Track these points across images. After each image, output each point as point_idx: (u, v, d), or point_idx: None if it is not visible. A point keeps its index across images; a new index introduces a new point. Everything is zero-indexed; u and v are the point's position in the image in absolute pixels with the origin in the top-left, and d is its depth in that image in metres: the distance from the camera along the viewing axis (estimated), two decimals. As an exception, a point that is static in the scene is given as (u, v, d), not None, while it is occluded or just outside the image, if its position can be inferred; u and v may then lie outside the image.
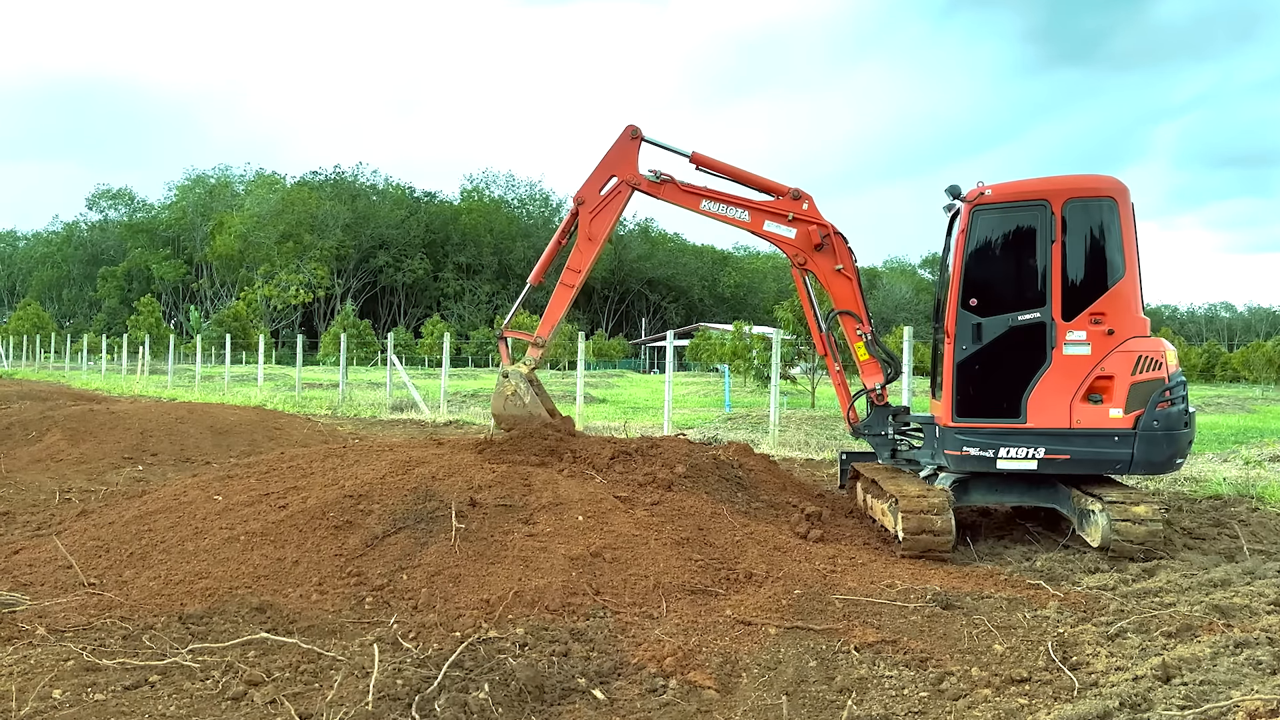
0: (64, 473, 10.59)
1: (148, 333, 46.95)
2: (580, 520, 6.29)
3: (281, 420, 14.77)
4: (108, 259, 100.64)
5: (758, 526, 6.80)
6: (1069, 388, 6.96)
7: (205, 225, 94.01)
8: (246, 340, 52.24)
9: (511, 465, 7.21)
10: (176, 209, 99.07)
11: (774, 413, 14.56)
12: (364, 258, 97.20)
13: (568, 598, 5.29)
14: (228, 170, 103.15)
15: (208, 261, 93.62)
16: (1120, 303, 6.98)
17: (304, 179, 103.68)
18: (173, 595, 5.23)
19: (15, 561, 6.18)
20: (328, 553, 5.73)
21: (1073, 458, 6.94)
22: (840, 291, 8.24)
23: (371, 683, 3.97)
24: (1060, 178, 7.27)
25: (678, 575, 5.71)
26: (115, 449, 11.80)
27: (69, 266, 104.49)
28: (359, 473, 7.07)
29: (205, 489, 7.06)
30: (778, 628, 5.00)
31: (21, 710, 3.75)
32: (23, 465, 11.02)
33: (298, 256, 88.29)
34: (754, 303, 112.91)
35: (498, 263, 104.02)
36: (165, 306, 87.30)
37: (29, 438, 12.37)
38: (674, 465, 7.52)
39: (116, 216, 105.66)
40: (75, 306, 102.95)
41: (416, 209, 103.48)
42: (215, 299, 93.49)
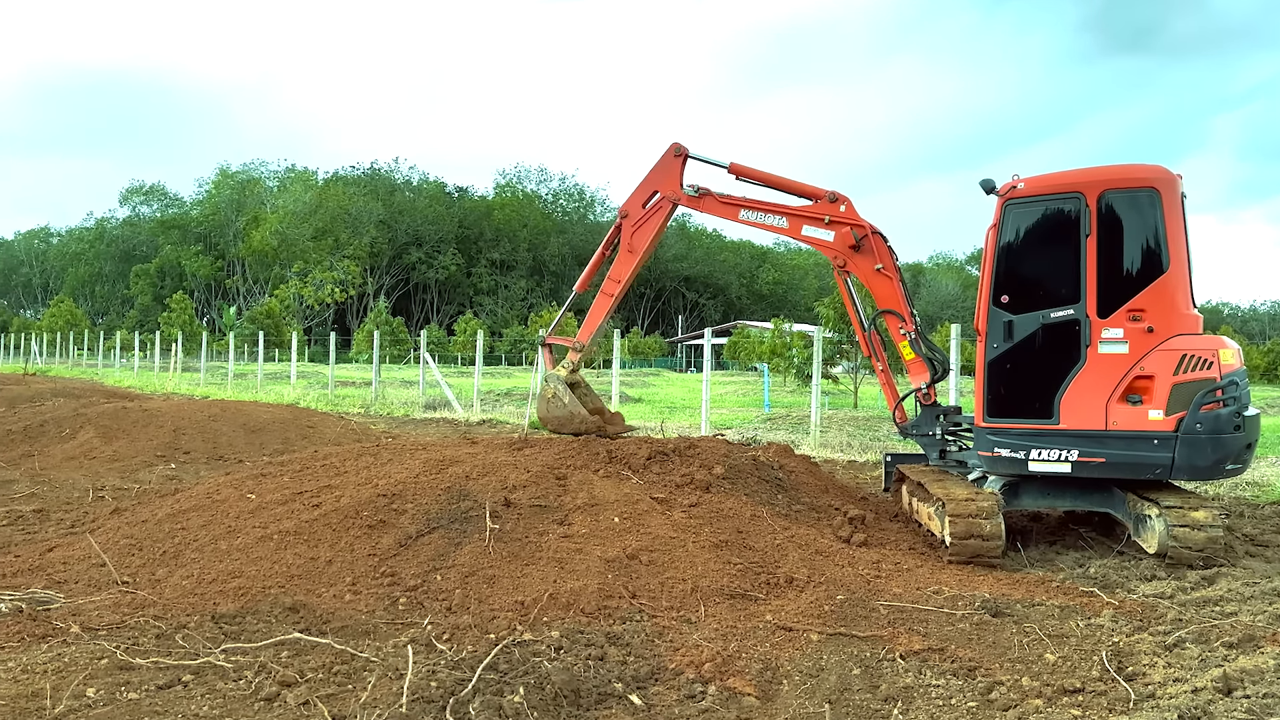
0: (97, 470, 10.81)
1: (180, 330, 47.67)
2: (616, 521, 6.30)
3: (314, 418, 14.95)
4: (140, 255, 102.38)
5: (799, 530, 6.76)
6: (1105, 388, 6.81)
7: (238, 221, 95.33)
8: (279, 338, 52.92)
9: (546, 465, 7.23)
10: (209, 205, 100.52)
11: (815, 413, 14.48)
12: (397, 254, 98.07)
13: (603, 600, 5.29)
14: (263, 165, 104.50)
15: (240, 258, 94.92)
16: (1163, 299, 6.79)
17: (337, 174, 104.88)
18: (206, 594, 5.31)
19: (49, 559, 6.31)
20: (361, 552, 5.78)
21: (1108, 461, 6.78)
22: (882, 291, 8.24)
23: (405, 685, 4.00)
24: (1097, 168, 7.14)
25: (716, 579, 5.70)
26: (148, 447, 12.01)
27: (101, 263, 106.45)
28: (392, 472, 7.13)
29: (238, 487, 7.16)
30: (820, 634, 4.97)
31: (56, 708, 3.82)
32: (56, 463, 11.25)
33: (331, 254, 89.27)
34: (794, 300, 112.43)
35: (532, 259, 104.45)
36: (198, 303, 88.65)
37: (62, 435, 12.62)
38: (712, 466, 7.50)
39: (149, 212, 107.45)
40: (108, 303, 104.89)
41: (451, 205, 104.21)
42: (248, 296, 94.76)
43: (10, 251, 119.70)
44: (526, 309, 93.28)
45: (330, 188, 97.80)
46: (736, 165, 8.79)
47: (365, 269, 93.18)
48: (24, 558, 6.42)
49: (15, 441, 12.39)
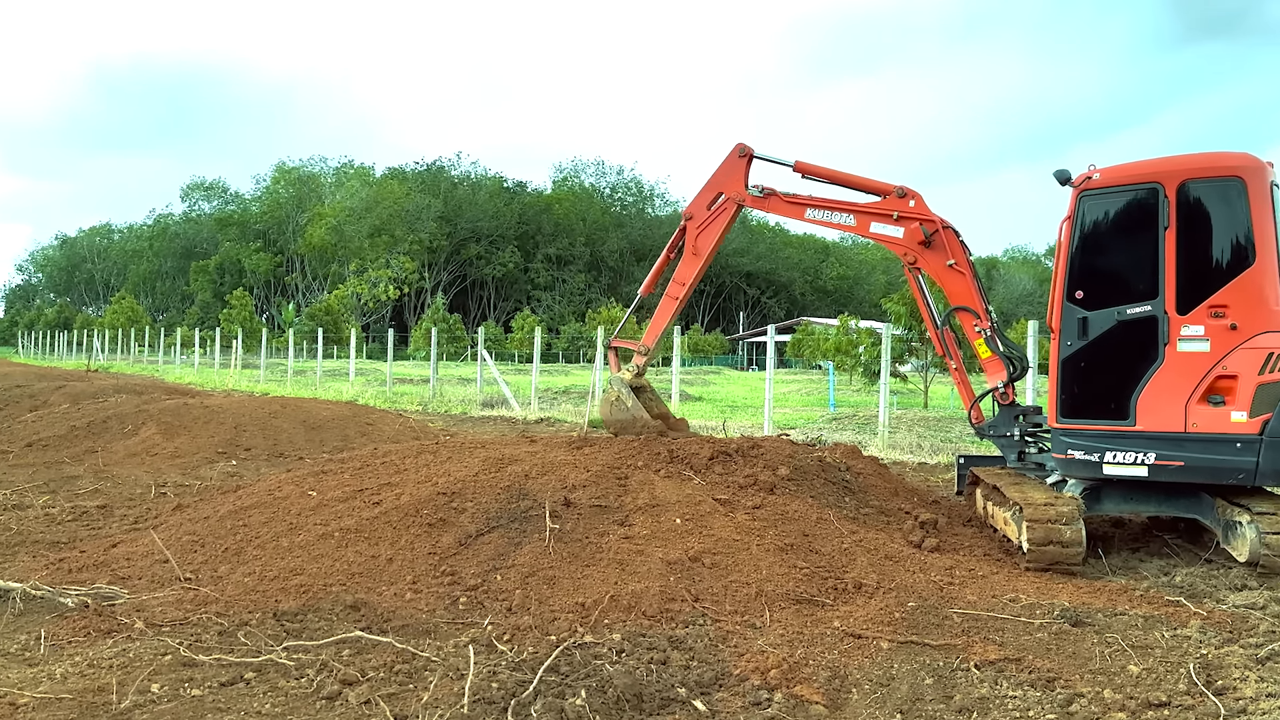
0: (159, 467, 11.12)
1: (240, 326, 48.80)
2: (678, 523, 6.30)
3: (373, 416, 15.20)
4: (200, 252, 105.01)
5: (867, 534, 6.70)
6: (1184, 388, 6.61)
7: (298, 217, 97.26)
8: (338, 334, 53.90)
9: (606, 465, 7.26)
10: (268, 201, 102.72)
11: (883, 412, 14.33)
12: (455, 250, 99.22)
13: (665, 603, 5.30)
14: (322, 161, 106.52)
15: (299, 255, 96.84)
16: (1248, 294, 6.54)
17: (394, 170, 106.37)
18: (267, 591, 5.43)
19: (113, 555, 6.51)
20: (421, 551, 5.87)
21: (1187, 464, 6.58)
22: (954, 287, 8.13)
23: (467, 685, 4.05)
24: (1177, 157, 6.93)
25: (781, 583, 5.67)
26: (209, 443, 12.32)
27: (162, 260, 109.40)
28: (452, 470, 7.22)
29: (299, 484, 7.31)
30: (890, 642, 4.92)
31: (122, 703, 3.93)
32: (119, 459, 11.59)
33: (388, 250, 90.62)
34: (860, 295, 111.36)
35: (589, 254, 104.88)
36: (257, 300, 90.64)
37: (125, 431, 13.00)
38: (776, 467, 7.46)
39: (209, 209, 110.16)
40: (169, 300, 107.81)
41: (510, 200, 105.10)
42: (307, 293, 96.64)
43: (74, 248, 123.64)
44: (584, 305, 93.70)
45: (386, 184, 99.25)
46: (802, 164, 8.77)
47: (422, 265, 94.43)
48: (89, 553, 6.63)
49: (79, 437, 12.80)
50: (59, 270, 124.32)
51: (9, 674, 4.28)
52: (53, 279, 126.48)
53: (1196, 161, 6.82)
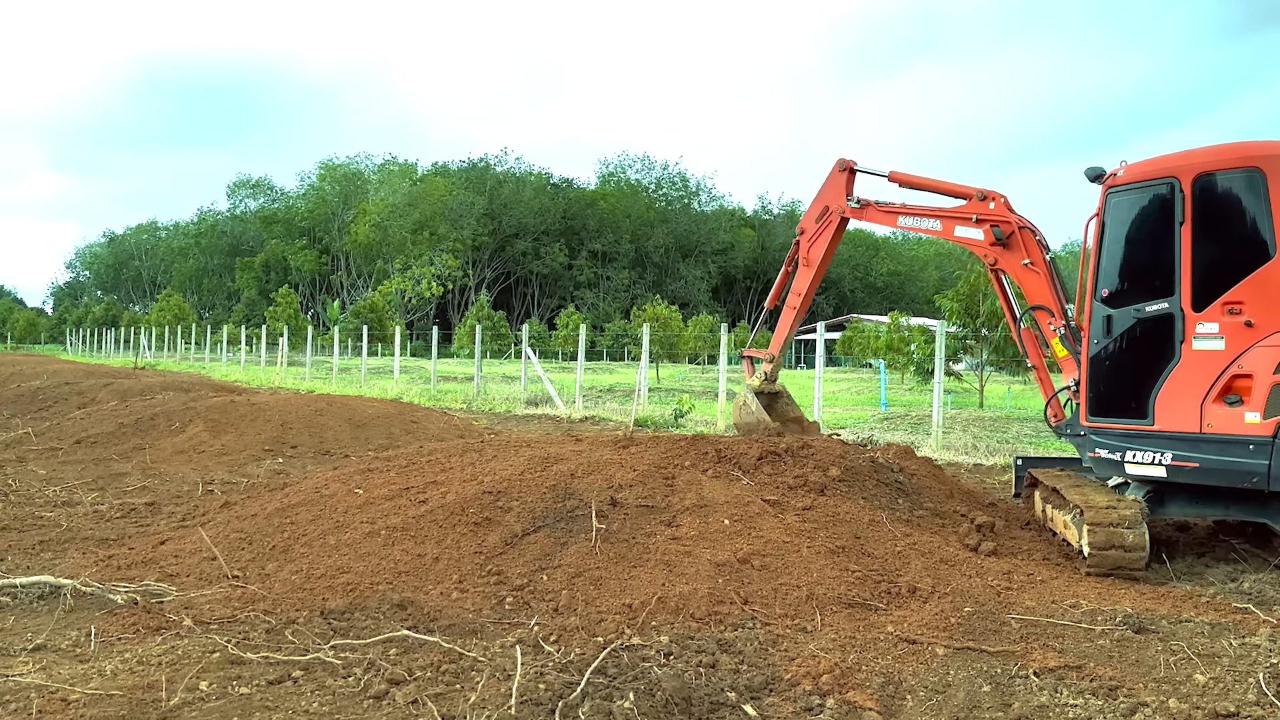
0: (206, 464, 11.32)
1: (286, 324, 49.52)
2: (726, 524, 6.29)
3: (418, 414, 15.35)
4: (246, 250, 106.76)
5: (921, 536, 6.63)
6: (1200, 387, 6.48)
7: (344, 214, 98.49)
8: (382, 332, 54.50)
9: (653, 464, 7.26)
10: (314, 199, 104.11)
11: (937, 412, 14.19)
12: (499, 247, 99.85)
13: (714, 606, 5.29)
14: (368, 159, 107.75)
15: (345, 252, 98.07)
16: (1266, 289, 6.36)
17: (437, 167, 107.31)
18: (314, 589, 5.51)
19: (162, 552, 6.64)
20: (467, 550, 5.91)
21: (1201, 466, 6.45)
22: (1031, 286, 8.24)
23: (514, 686, 4.08)
24: (1196, 149, 6.82)
25: (833, 586, 5.63)
26: (256, 441, 12.51)
27: (207, 258, 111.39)
28: (497, 469, 7.26)
29: (345, 482, 7.40)
30: (946, 648, 4.86)
31: (171, 700, 4.01)
32: (167, 456, 11.82)
33: (431, 248, 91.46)
34: (912, 292, 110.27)
35: (634, 250, 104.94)
36: (302, 298, 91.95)
37: (172, 429, 13.25)
38: (827, 468, 7.41)
39: (255, 206, 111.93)
40: (214, 297, 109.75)
41: (555, 196, 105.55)
42: (351, 290, 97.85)
43: (121, 246, 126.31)
44: (629, 302, 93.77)
45: (430, 180, 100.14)
46: (895, 174, 9.21)
47: (466, 263, 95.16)
48: (137, 550, 6.78)
49: (127, 435, 13.06)
50: (106, 268, 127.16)
51: (60, 670, 4.38)
52: (100, 277, 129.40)
53: (1215, 153, 6.71)
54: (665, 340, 41.31)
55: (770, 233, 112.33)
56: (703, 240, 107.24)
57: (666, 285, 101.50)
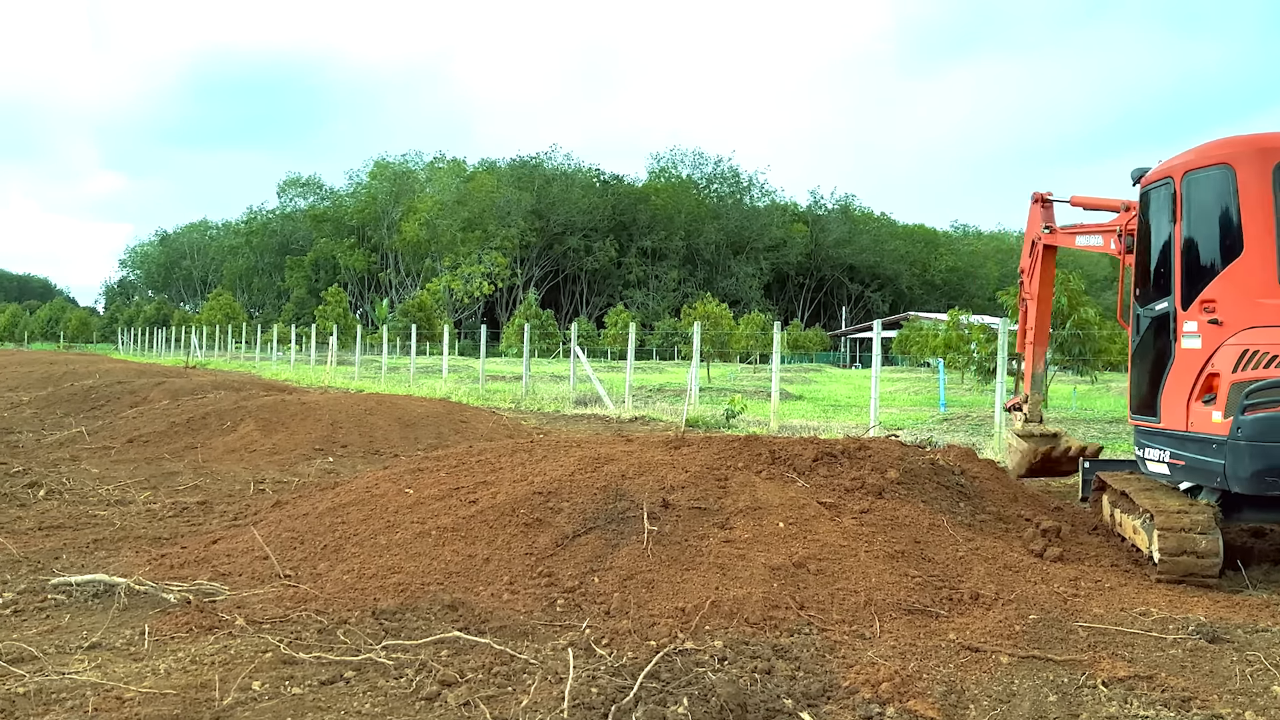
0: (257, 463, 11.51)
1: (335, 323, 50.21)
2: (781, 527, 6.25)
3: (467, 413, 15.48)
4: (295, 249, 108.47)
5: (984, 541, 6.55)
6: (1186, 385, 6.62)
7: (393, 212, 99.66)
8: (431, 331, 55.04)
9: (705, 465, 7.25)
10: (364, 197, 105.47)
11: (999, 413, 13.98)
12: (547, 245, 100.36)
13: (769, 611, 5.27)
14: (418, 157, 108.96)
15: (393, 250, 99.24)
16: (1234, 287, 6.43)
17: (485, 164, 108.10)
18: (366, 589, 5.58)
19: (214, 551, 6.76)
20: (518, 551, 5.95)
21: (1187, 465, 6.58)
22: None
23: (566, 689, 4.09)
24: (1195, 147, 6.94)
25: (892, 592, 5.58)
26: (306, 440, 12.70)
27: (257, 256, 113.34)
28: (547, 469, 7.30)
29: (396, 482, 7.48)
30: (1010, 656, 4.80)
31: (224, 700, 4.08)
32: (218, 455, 12.04)
33: (480, 246, 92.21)
34: (971, 289, 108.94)
35: (686, 247, 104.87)
36: (351, 296, 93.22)
37: (224, 428, 13.49)
38: (885, 470, 7.34)
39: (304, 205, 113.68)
40: (264, 296, 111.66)
41: (604, 193, 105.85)
42: (399, 289, 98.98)
43: (172, 245, 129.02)
44: (679, 300, 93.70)
45: (479, 178, 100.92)
46: (1076, 198, 9.66)
47: (514, 261, 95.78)
48: (190, 549, 6.91)
49: (179, 434, 13.33)
50: (157, 267, 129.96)
51: (115, 668, 4.48)
52: (151, 276, 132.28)
53: (1199, 151, 6.86)
54: (716, 339, 41.21)
55: (824, 228, 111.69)
56: (754, 236, 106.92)
57: (717, 282, 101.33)
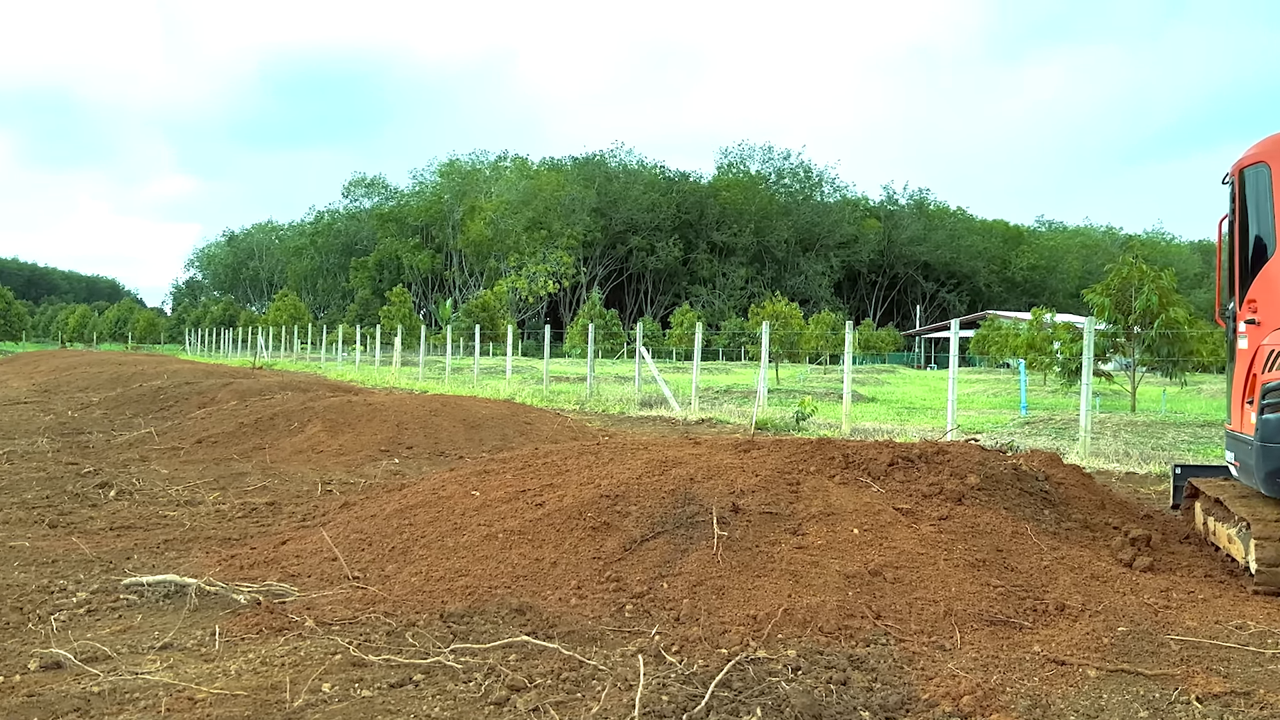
0: (324, 464, 11.74)
1: (400, 323, 50.95)
2: (855, 533, 6.20)
3: (531, 415, 15.60)
4: (360, 249, 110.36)
5: (1069, 550, 6.43)
6: (1240, 386, 6.69)
7: (456, 213, 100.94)
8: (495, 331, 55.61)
9: (776, 469, 7.22)
10: (431, 197, 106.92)
11: (1085, 416, 13.73)
12: (611, 243, 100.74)
13: (844, 619, 5.23)
14: (484, 155, 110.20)
15: (457, 250, 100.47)
16: (1269, 287, 6.43)
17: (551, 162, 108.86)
18: (434, 592, 5.66)
19: (283, 552, 6.92)
20: (585, 555, 5.99)
21: (1240, 466, 6.63)
22: None
23: (636, 697, 4.11)
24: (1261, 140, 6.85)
25: (972, 602, 5.51)
26: (372, 441, 12.92)
27: (323, 256, 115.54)
28: (614, 472, 7.33)
29: (462, 484, 7.58)
30: (1098, 670, 4.70)
31: (294, 702, 4.17)
32: (286, 456, 12.30)
33: (544, 245, 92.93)
34: (1053, 286, 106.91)
35: (756, 244, 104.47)
36: (414, 296, 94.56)
37: (291, 429, 13.78)
38: (965, 475, 7.24)
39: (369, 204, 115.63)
40: (329, 297, 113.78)
41: (668, 190, 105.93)
42: (463, 289, 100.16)
43: (239, 245, 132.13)
44: (746, 299, 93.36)
45: (544, 176, 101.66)
46: None
47: (578, 259, 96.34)
48: (259, 550, 7.07)
49: (247, 434, 13.64)
50: (224, 268, 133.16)
51: (187, 669, 4.60)
52: (218, 277, 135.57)
53: (1255, 146, 6.80)
54: (785, 339, 41.00)
55: (897, 224, 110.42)
56: (825, 233, 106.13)
57: (786, 281, 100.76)
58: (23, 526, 7.96)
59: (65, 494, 9.37)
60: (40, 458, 12.00)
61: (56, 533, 7.77)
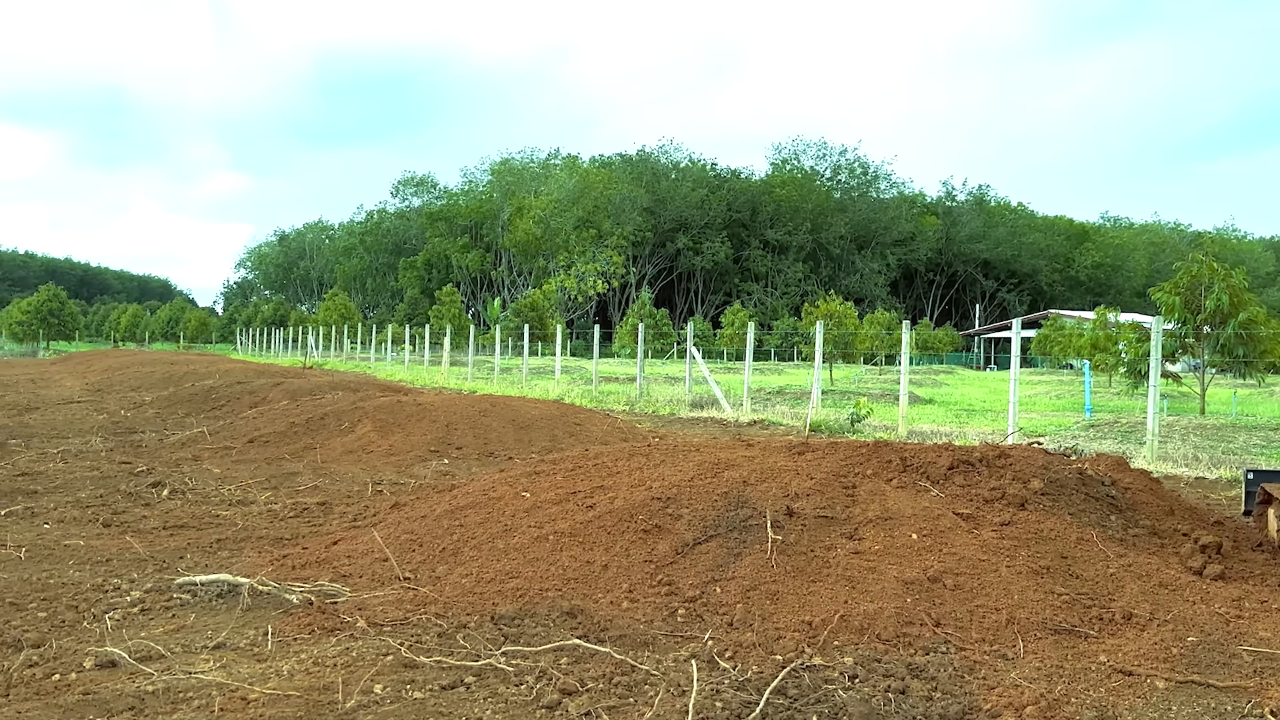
0: (375, 464, 11.88)
1: (449, 323, 51.38)
2: (914, 539, 6.15)
3: (581, 416, 15.66)
4: (409, 249, 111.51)
5: (1137, 557, 6.31)
6: None
7: (505, 212, 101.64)
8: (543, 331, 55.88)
9: (831, 472, 7.18)
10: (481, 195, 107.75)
11: (1152, 419, 13.48)
12: (660, 242, 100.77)
13: (902, 627, 5.19)
14: (534, 153, 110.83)
15: (506, 249, 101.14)
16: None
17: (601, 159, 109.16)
18: (484, 594, 5.70)
19: (334, 552, 7.01)
20: (637, 558, 6.00)
21: None
22: None
23: (690, 703, 4.11)
24: None
25: (1036, 610, 5.43)
26: (422, 441, 13.05)
27: (372, 256, 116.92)
28: (665, 474, 7.34)
29: (513, 485, 7.63)
30: (1166, 681, 4.62)
31: (347, 703, 4.22)
32: (336, 456, 12.47)
33: (594, 244, 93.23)
34: (1119, 284, 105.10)
35: (812, 241, 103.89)
36: (464, 296, 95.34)
37: (341, 429, 13.97)
38: (1028, 479, 7.14)
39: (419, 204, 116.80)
40: (378, 296, 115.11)
41: (718, 187, 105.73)
42: (512, 288, 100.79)
43: (290, 245, 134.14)
44: (799, 298, 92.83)
45: (594, 174, 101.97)
46: None
47: (627, 259, 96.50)
48: (311, 550, 7.17)
49: (298, 434, 13.85)
50: (275, 267, 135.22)
51: (240, 669, 4.68)
52: (269, 276, 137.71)
53: None
54: (839, 339, 40.72)
55: (956, 221, 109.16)
56: (881, 230, 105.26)
57: (840, 279, 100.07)
58: (77, 525, 8.14)
59: (119, 493, 9.58)
60: (94, 457, 12.27)
61: (110, 531, 7.95)
